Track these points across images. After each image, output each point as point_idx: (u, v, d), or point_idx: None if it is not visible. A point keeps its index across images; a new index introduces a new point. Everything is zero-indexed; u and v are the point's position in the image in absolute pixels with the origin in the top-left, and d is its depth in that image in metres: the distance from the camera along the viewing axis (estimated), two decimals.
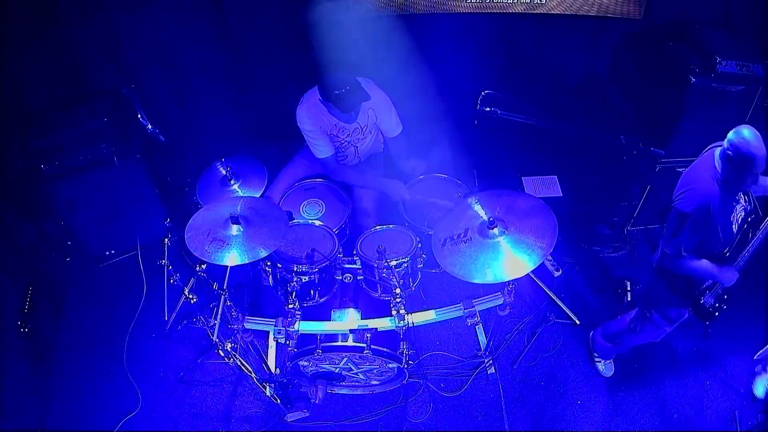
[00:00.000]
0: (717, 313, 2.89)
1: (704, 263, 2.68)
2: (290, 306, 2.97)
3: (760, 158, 2.38)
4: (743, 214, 2.70)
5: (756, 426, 3.29)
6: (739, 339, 3.63)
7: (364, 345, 2.98)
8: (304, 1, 3.55)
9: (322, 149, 3.38)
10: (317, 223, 3.28)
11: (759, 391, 3.34)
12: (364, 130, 3.44)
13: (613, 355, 3.52)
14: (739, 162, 2.41)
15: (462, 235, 2.83)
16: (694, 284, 2.84)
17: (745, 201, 2.71)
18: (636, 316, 3.22)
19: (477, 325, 3.61)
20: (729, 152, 2.43)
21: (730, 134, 2.42)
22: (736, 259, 2.71)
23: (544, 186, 4.12)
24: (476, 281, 2.73)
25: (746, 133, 2.38)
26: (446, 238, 2.87)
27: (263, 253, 2.83)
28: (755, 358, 3.48)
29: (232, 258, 2.81)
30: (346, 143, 3.50)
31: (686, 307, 2.92)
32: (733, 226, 2.67)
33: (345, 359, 3.11)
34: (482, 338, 3.64)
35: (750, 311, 3.68)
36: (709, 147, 2.68)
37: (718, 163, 2.50)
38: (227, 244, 2.84)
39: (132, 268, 4.05)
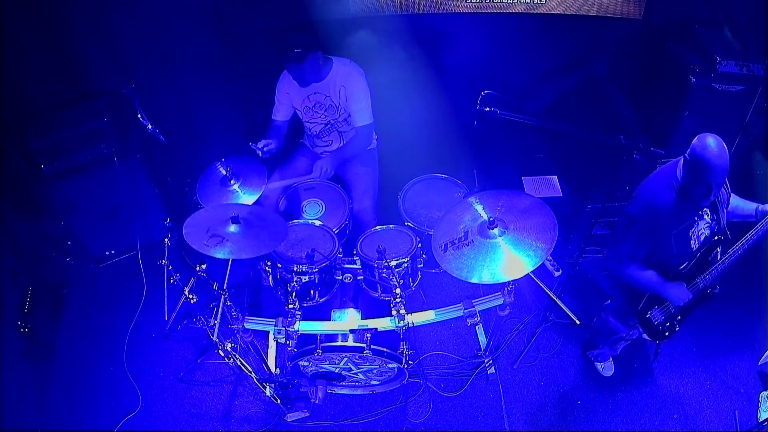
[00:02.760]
0: (668, 333, 2.78)
1: (649, 274, 2.56)
2: (290, 306, 2.97)
3: (718, 168, 2.28)
4: (707, 232, 2.57)
5: (756, 426, 3.29)
6: (739, 339, 3.63)
7: (364, 345, 2.98)
8: (303, 1, 3.56)
9: (276, 111, 3.63)
10: (317, 223, 3.28)
11: (762, 416, 3.33)
12: (338, 108, 3.44)
13: (607, 356, 3.51)
14: (695, 167, 2.32)
15: (463, 239, 2.81)
16: (640, 295, 2.73)
17: (712, 219, 2.59)
18: (596, 317, 3.23)
19: (477, 325, 3.61)
20: (686, 156, 2.36)
21: (694, 139, 2.34)
22: (694, 279, 2.60)
23: (544, 186, 4.11)
24: (476, 281, 2.72)
25: (710, 140, 2.29)
26: (446, 243, 2.84)
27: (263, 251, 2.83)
28: (759, 363, 3.46)
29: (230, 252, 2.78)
30: (329, 124, 3.49)
31: (636, 317, 2.83)
32: (692, 241, 2.54)
33: (345, 359, 3.11)
34: (482, 338, 3.64)
35: (750, 311, 3.69)
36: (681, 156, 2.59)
37: (679, 170, 2.43)
38: (226, 240, 2.82)
39: (132, 268, 4.05)
